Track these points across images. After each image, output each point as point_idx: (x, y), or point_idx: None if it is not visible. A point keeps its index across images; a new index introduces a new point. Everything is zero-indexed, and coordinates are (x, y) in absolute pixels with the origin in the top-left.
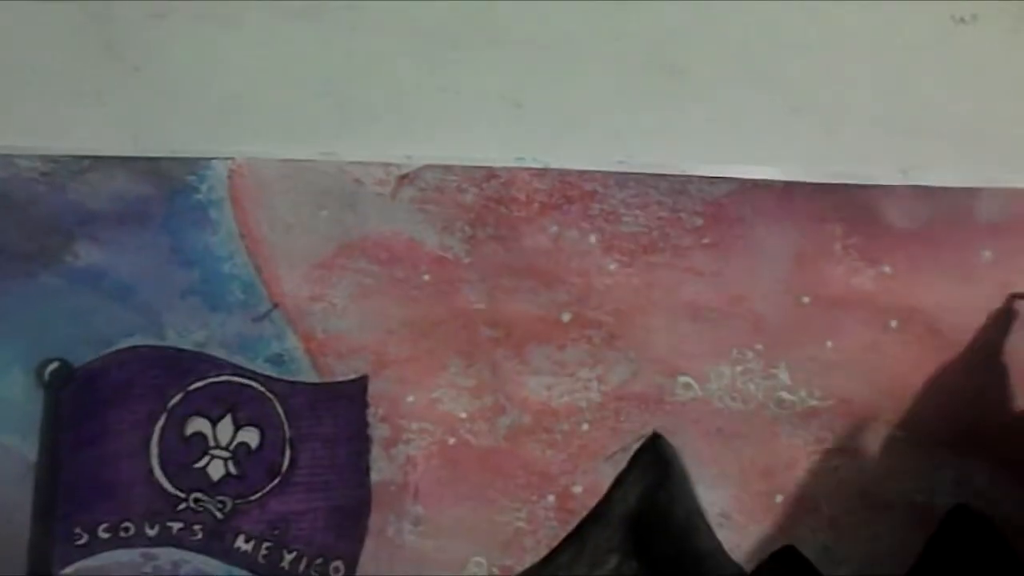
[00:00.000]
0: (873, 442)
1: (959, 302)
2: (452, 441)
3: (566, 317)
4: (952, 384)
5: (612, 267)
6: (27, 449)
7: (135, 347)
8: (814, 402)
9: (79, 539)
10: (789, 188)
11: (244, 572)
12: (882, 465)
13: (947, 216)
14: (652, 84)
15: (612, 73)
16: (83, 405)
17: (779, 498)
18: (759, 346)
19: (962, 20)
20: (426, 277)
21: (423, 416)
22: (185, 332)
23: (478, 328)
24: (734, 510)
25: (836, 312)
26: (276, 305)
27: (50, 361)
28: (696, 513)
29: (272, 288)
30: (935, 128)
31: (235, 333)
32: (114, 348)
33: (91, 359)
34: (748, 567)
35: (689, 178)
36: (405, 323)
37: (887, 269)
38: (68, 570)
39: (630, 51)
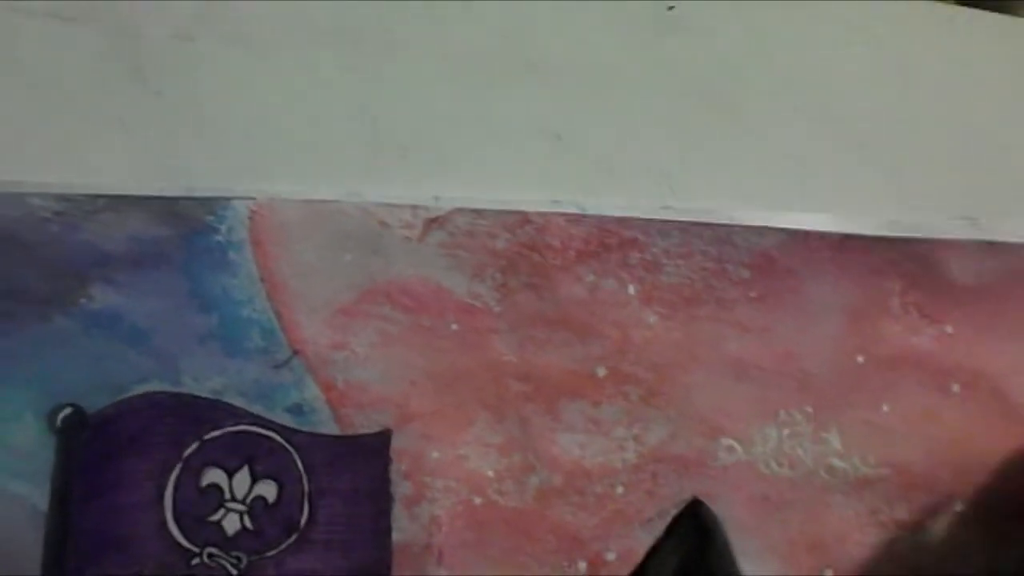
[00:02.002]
0: (932, 515)
1: None
2: (478, 501)
3: (601, 372)
4: (1019, 453)
5: (652, 320)
6: (37, 498)
7: (150, 393)
8: (868, 470)
9: None
10: (846, 240)
11: None
12: (942, 540)
13: (1017, 273)
14: (699, 121)
15: (656, 108)
16: (96, 453)
17: (829, 574)
18: (808, 408)
19: None
20: (454, 326)
21: (448, 473)
22: (202, 379)
23: (508, 381)
24: None
25: (893, 373)
26: (296, 352)
27: (62, 407)
28: None
29: (292, 334)
30: (1006, 176)
31: (254, 381)
32: (128, 394)
33: (105, 405)
34: None
35: (735, 227)
36: (431, 374)
37: (949, 328)
38: None
39: (676, 85)
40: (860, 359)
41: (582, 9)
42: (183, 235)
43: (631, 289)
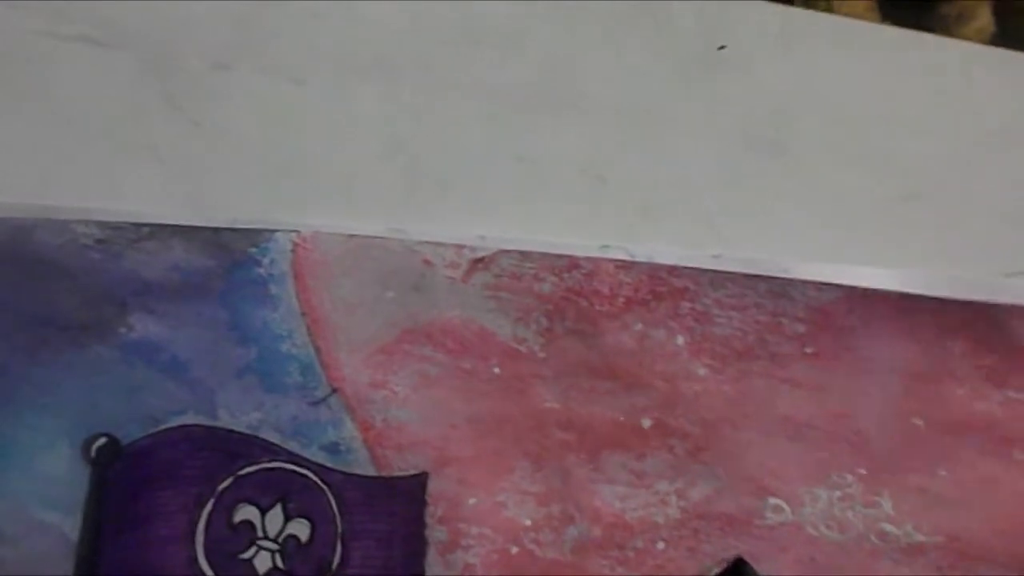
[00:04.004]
0: None
1: None
2: (515, 551)
3: (647, 423)
4: None
5: (701, 372)
6: (68, 528)
7: (186, 426)
8: (921, 537)
9: None
10: (908, 299)
11: None
12: None
13: None
14: (748, 164)
15: (704, 150)
16: (129, 484)
17: None
18: (862, 470)
19: None
20: (496, 370)
21: (485, 521)
22: (239, 413)
23: (550, 429)
24: None
25: (952, 438)
26: (335, 390)
27: (97, 437)
28: None
29: (331, 371)
30: None
31: (290, 417)
32: (164, 426)
33: (140, 436)
34: None
35: (791, 281)
36: (471, 418)
37: (1016, 394)
38: None
39: (725, 126)
40: (918, 422)
41: (629, 47)
42: (225, 266)
43: (680, 340)
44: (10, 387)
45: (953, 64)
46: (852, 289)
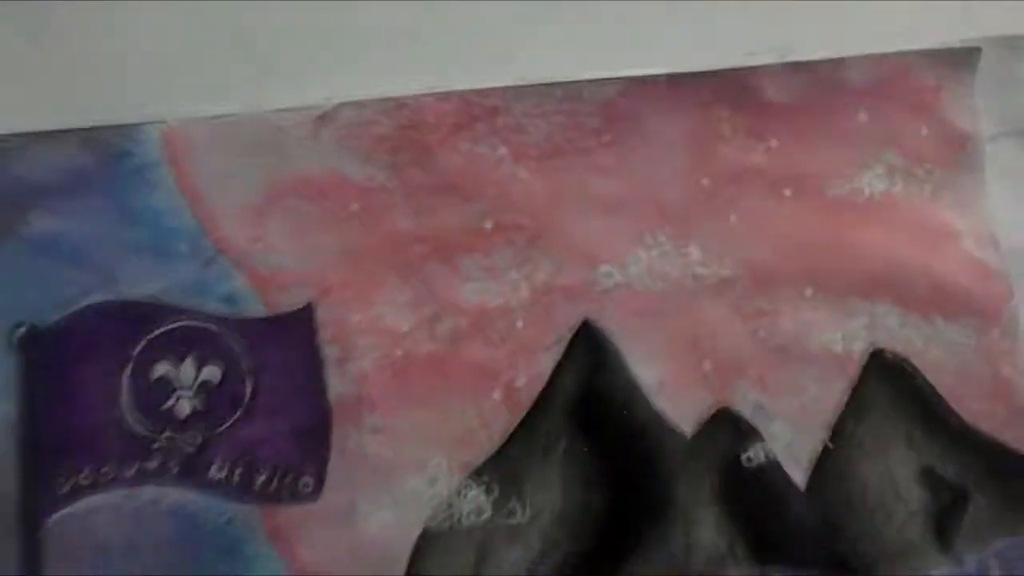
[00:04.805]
0: (786, 302)
1: (842, 162)
2: (399, 352)
3: (488, 225)
4: (847, 236)
5: (524, 175)
6: (8, 411)
7: (95, 304)
8: (727, 272)
9: (62, 488)
10: (673, 80)
11: (220, 498)
12: (798, 322)
13: (822, 87)
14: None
15: None
16: (53, 364)
17: (708, 365)
18: (668, 229)
19: None
20: (355, 206)
21: (369, 333)
22: (140, 286)
23: (409, 246)
24: (668, 382)
25: (734, 188)
26: (220, 251)
27: (18, 326)
28: (633, 388)
29: (215, 235)
30: (804, 10)
31: (186, 281)
32: (76, 307)
33: (56, 319)
34: (688, 430)
35: (580, 83)
36: (340, 251)
37: (774, 143)
38: (55, 517)
39: None
40: (705, 181)
41: None
42: (105, 162)
43: (502, 150)
44: None
45: None
46: (630, 80)
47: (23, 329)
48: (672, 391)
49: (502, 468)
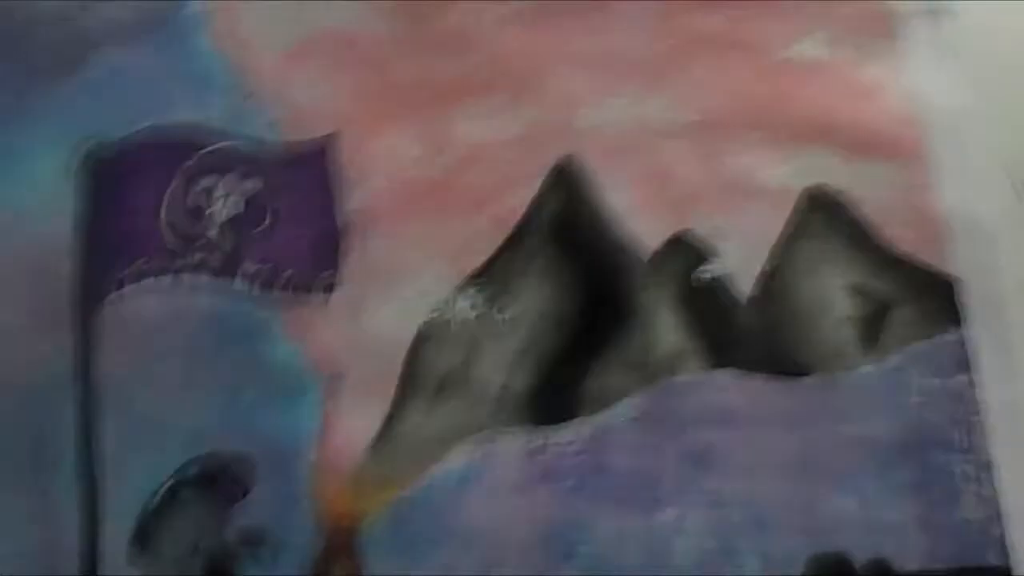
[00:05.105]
0: (737, 144)
1: (786, 30)
2: (406, 175)
3: (482, 75)
4: (789, 91)
5: (513, 32)
6: (76, 209)
7: (151, 126)
8: (687, 118)
9: (120, 273)
10: None
11: (251, 288)
12: (747, 161)
13: None
14: None
15: None
16: (113, 176)
17: (669, 194)
18: (638, 80)
19: None
20: (369, 57)
21: (382, 158)
22: (191, 113)
23: (415, 91)
24: (635, 208)
25: (698, 46)
26: (256, 89)
27: (84, 140)
28: (604, 212)
29: (251, 76)
30: None
31: (228, 112)
32: (135, 128)
33: (117, 138)
34: (652, 248)
35: None
36: (357, 94)
37: (732, 12)
38: (111, 296)
39: None
40: (671, 41)
41: None
42: (161, 11)
43: (497, 11)
44: (21, 104)
45: None
46: None
47: (93, 141)
48: (639, 216)
49: (492, 275)
